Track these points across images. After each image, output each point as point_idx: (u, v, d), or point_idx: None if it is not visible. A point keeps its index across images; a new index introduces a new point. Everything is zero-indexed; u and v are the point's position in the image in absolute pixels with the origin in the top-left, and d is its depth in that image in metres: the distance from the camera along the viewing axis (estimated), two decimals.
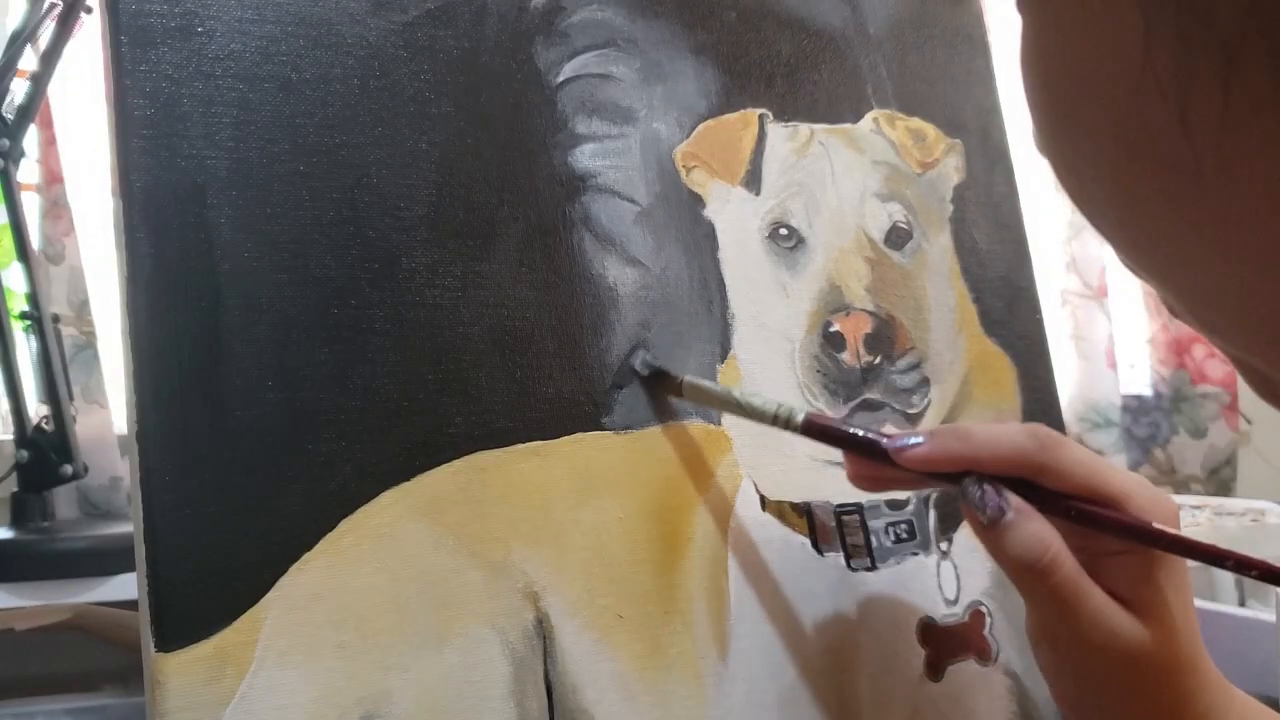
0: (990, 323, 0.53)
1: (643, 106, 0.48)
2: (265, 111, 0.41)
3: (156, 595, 0.37)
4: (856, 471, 0.43)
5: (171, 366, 0.39)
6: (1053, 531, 0.40)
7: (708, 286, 0.48)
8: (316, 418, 0.40)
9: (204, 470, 0.38)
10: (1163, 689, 0.41)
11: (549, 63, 0.47)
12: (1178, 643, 0.41)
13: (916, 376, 0.50)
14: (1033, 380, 0.53)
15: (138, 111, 0.40)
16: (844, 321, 0.49)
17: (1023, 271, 0.56)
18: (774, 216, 0.49)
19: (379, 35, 0.44)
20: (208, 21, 0.41)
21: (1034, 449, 0.40)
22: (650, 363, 0.46)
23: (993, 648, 0.50)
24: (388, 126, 0.43)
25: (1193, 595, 0.42)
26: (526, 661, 0.41)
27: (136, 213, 0.39)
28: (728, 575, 0.45)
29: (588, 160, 0.46)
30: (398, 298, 0.42)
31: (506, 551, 0.42)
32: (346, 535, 0.40)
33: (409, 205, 0.43)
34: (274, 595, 0.38)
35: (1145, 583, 0.41)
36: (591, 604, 0.43)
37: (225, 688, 0.37)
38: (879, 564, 0.48)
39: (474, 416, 0.42)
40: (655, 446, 0.45)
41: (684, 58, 0.49)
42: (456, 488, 0.42)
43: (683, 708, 0.43)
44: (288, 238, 0.41)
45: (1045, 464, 0.40)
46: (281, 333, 0.40)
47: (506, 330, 0.44)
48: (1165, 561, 0.41)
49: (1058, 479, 0.40)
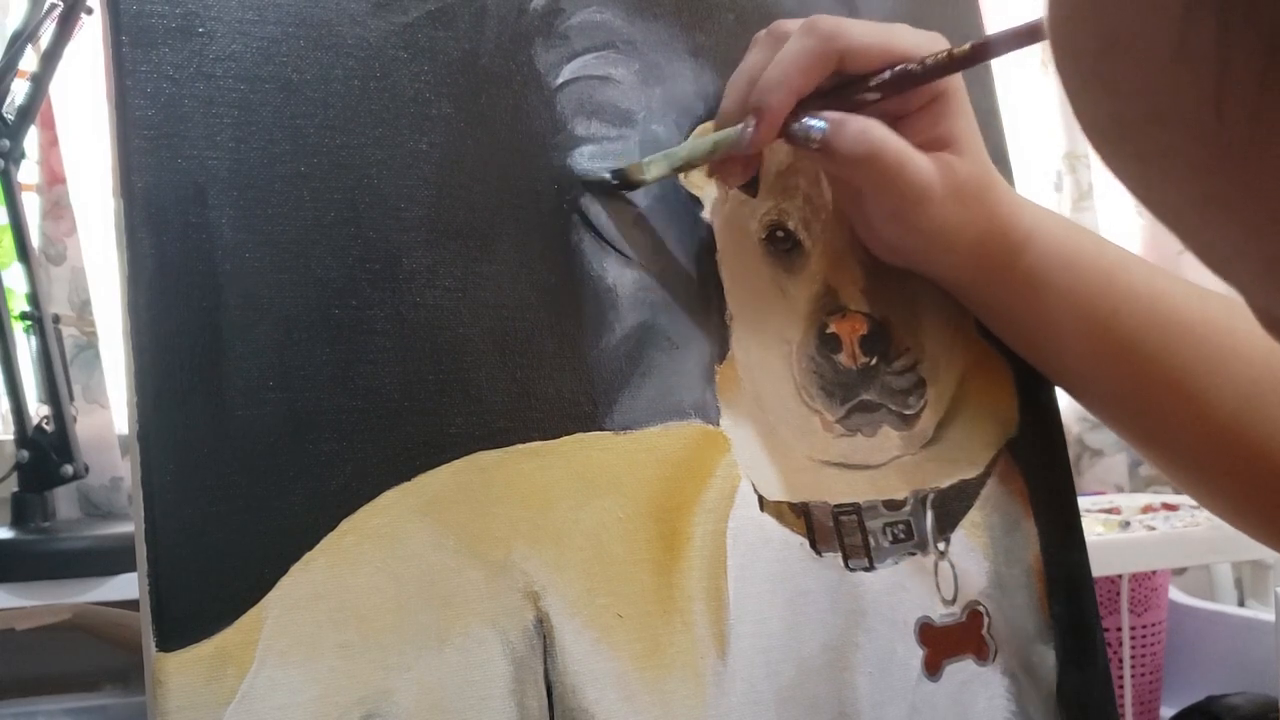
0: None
1: (641, 109, 0.48)
2: (266, 112, 0.41)
3: (157, 595, 0.37)
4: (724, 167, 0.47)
5: (173, 366, 0.39)
6: (869, 121, 0.44)
7: (706, 288, 0.48)
8: (317, 418, 0.40)
9: (205, 470, 0.39)
10: (987, 206, 0.47)
11: (548, 64, 0.47)
12: (985, 163, 0.48)
13: (913, 378, 0.50)
14: (1030, 381, 0.54)
15: (139, 112, 0.40)
16: (840, 324, 0.49)
17: None
18: (771, 219, 0.50)
19: (379, 36, 0.44)
20: (209, 22, 0.41)
21: (820, 47, 0.44)
22: (609, 168, 0.46)
23: (990, 647, 0.50)
24: (388, 127, 0.43)
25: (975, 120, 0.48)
26: (526, 661, 0.42)
27: (138, 213, 0.39)
28: (727, 575, 0.45)
29: (587, 162, 0.47)
30: (398, 298, 0.42)
31: (507, 551, 0.42)
32: (347, 535, 0.40)
33: (409, 206, 0.43)
34: (275, 595, 0.39)
35: (944, 119, 0.46)
36: (591, 604, 0.43)
37: (226, 687, 0.37)
38: (877, 564, 0.48)
39: (474, 416, 0.43)
40: (655, 446, 0.45)
41: (682, 60, 0.49)
42: (457, 487, 0.42)
43: (682, 707, 0.44)
44: (289, 238, 0.41)
45: (839, 51, 0.44)
46: (282, 333, 0.40)
47: (506, 330, 0.44)
48: (950, 95, 0.47)
49: (858, 58, 0.45)
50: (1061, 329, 0.50)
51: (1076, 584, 0.53)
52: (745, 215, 0.49)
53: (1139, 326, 0.48)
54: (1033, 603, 0.51)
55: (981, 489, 0.51)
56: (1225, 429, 0.48)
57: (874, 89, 0.45)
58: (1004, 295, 0.50)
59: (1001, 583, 0.51)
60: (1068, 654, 0.52)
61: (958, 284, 0.50)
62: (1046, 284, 0.49)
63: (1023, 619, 0.51)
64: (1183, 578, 1.41)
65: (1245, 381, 0.48)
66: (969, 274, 0.49)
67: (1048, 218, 0.50)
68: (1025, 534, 0.52)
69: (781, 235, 0.50)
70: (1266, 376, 0.47)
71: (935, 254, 0.48)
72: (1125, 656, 1.15)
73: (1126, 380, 0.49)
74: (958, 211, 0.47)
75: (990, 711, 0.49)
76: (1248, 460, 0.48)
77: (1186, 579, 1.43)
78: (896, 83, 0.45)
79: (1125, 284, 0.49)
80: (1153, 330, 0.48)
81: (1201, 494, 0.52)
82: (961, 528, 0.50)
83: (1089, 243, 0.50)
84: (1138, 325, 0.48)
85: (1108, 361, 0.49)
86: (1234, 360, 0.48)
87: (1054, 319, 0.49)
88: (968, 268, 0.49)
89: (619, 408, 0.45)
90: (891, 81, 0.45)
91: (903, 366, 0.50)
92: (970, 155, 0.47)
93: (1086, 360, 0.50)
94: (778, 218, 0.50)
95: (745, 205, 0.49)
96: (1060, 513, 0.53)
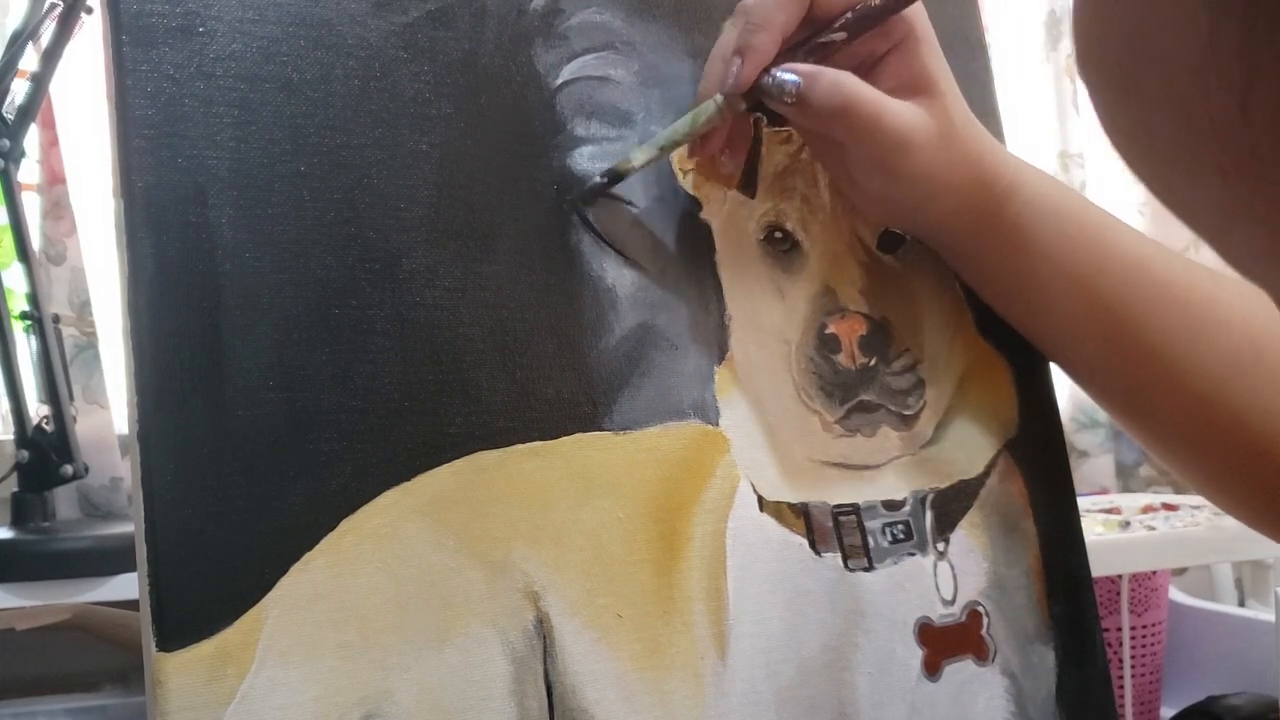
0: (986, 324, 0.53)
1: (640, 109, 0.48)
2: (266, 112, 0.42)
3: (157, 595, 0.37)
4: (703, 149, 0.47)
5: (173, 366, 0.39)
6: (842, 73, 0.45)
7: (705, 288, 0.48)
8: (317, 418, 0.40)
9: (205, 470, 0.39)
10: (970, 149, 0.47)
11: (548, 65, 0.47)
12: (964, 105, 0.48)
13: (912, 378, 0.50)
14: (1029, 381, 0.54)
15: (139, 111, 0.40)
16: (839, 324, 0.49)
17: None
18: (769, 219, 0.50)
19: (379, 36, 0.44)
20: (209, 22, 0.41)
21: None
22: (604, 170, 0.46)
23: (990, 647, 0.50)
24: (388, 127, 0.43)
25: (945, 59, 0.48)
26: (526, 661, 0.42)
27: (138, 213, 0.39)
28: (726, 575, 0.45)
29: (586, 162, 0.47)
30: (398, 298, 0.42)
31: (507, 551, 0.42)
32: (347, 535, 0.40)
33: (409, 206, 0.43)
34: (275, 595, 0.39)
35: (916, 60, 0.46)
36: (591, 604, 0.43)
37: (226, 687, 0.37)
38: (876, 564, 0.48)
39: (474, 417, 0.43)
40: (654, 447, 0.45)
41: (681, 61, 0.49)
42: (457, 488, 0.42)
43: (681, 707, 0.44)
44: (289, 238, 0.41)
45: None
46: (282, 333, 0.40)
47: (506, 331, 0.44)
48: (919, 35, 0.46)
49: (826, 3, 0.45)
50: (1046, 286, 0.50)
51: (1076, 584, 0.53)
52: (744, 216, 0.49)
53: (1122, 286, 0.48)
54: (1032, 603, 0.51)
55: (981, 489, 0.51)
56: (1204, 398, 0.48)
57: (842, 31, 0.45)
58: (991, 248, 0.49)
59: (1001, 583, 0.51)
60: (1067, 654, 0.52)
61: (945, 237, 0.50)
62: (1032, 237, 0.49)
63: (1022, 619, 0.51)
64: (1183, 578, 1.41)
65: (1226, 350, 0.48)
66: (956, 224, 0.49)
67: (1030, 170, 0.50)
68: (1025, 534, 0.52)
69: (780, 236, 0.50)
70: (1247, 347, 0.47)
71: (922, 203, 0.48)
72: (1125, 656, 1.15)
73: (1108, 343, 0.49)
74: (942, 155, 0.47)
75: (990, 712, 0.49)
76: (1225, 430, 0.48)
77: (1186, 579, 1.43)
78: (860, 24, 0.45)
79: (1111, 243, 0.49)
80: (1136, 292, 0.48)
81: (1177, 465, 0.52)
82: (961, 528, 0.50)
83: (1074, 199, 0.50)
84: (1121, 285, 0.48)
85: (1090, 323, 0.49)
86: (1215, 330, 0.48)
87: (1039, 276, 0.49)
88: (955, 216, 0.49)
89: (619, 408, 0.45)
90: (854, 22, 0.45)
91: (902, 367, 0.50)
92: (948, 96, 0.47)
93: (1069, 320, 0.50)
94: (776, 218, 0.50)
95: (744, 206, 0.49)
96: (1060, 513, 0.53)
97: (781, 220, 0.50)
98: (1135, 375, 0.49)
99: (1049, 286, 0.49)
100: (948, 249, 0.51)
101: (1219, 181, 0.21)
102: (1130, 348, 0.49)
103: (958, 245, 0.50)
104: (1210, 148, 0.21)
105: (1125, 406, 0.52)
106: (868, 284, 0.50)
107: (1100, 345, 0.50)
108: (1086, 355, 0.51)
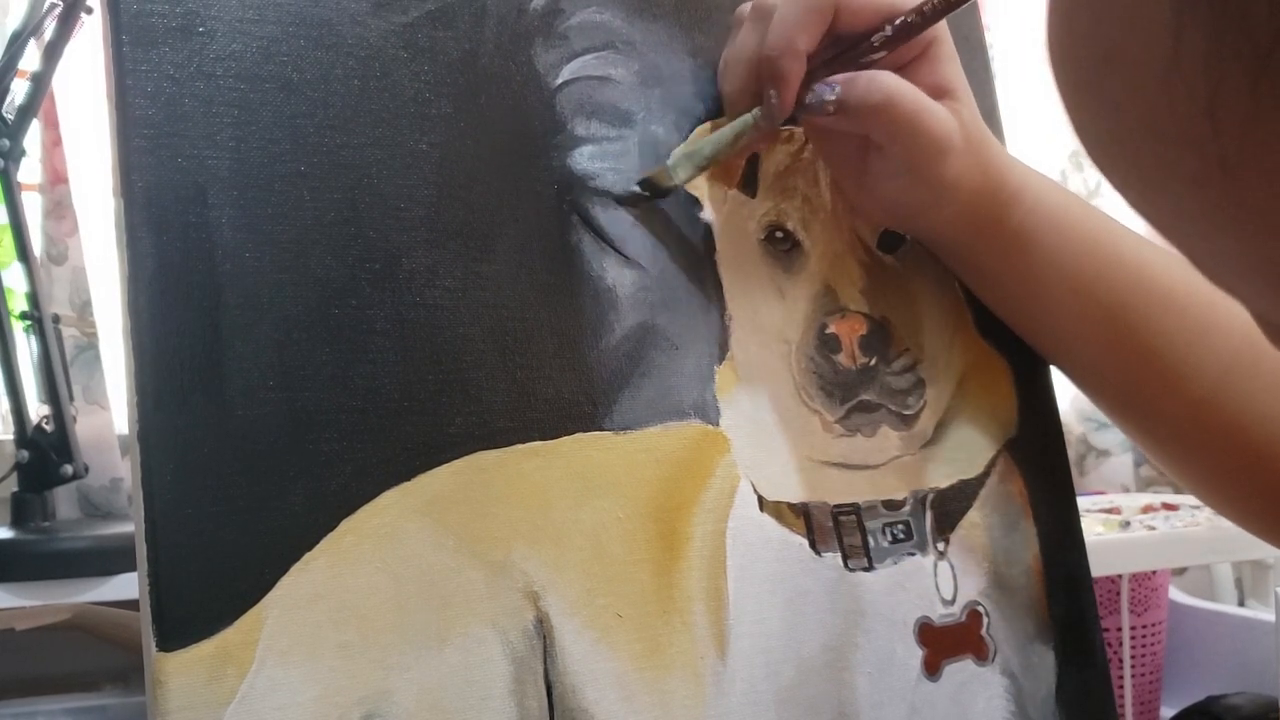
0: (986, 325, 0.53)
1: (641, 109, 0.48)
2: (266, 112, 0.42)
3: (157, 595, 0.37)
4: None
5: (173, 366, 0.39)
6: (879, 72, 0.45)
7: (705, 288, 0.48)
8: (317, 417, 0.40)
9: (205, 470, 0.39)
10: (982, 158, 0.47)
11: (548, 65, 0.47)
12: (976, 110, 0.48)
13: (912, 378, 0.50)
14: (1029, 381, 0.54)
15: (139, 111, 0.40)
16: (839, 324, 0.49)
17: None
18: (769, 219, 0.50)
19: (379, 36, 0.44)
20: (209, 21, 0.41)
21: (814, 1, 0.44)
22: (638, 180, 0.47)
23: (990, 647, 0.50)
24: (388, 127, 0.43)
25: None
26: (526, 661, 0.42)
27: (138, 213, 0.39)
28: (726, 575, 0.45)
29: (586, 162, 0.47)
30: (398, 298, 0.42)
31: (507, 551, 0.42)
32: (347, 535, 0.40)
33: (409, 206, 0.43)
34: (275, 595, 0.39)
35: (940, 66, 0.47)
36: (591, 604, 0.43)
37: (226, 687, 0.37)
38: (876, 564, 0.48)
39: (474, 416, 0.43)
40: (654, 446, 0.45)
41: (682, 60, 0.49)
42: (457, 488, 0.42)
43: (681, 707, 0.44)
44: (289, 238, 0.41)
45: (834, 2, 0.44)
46: (282, 333, 0.40)
47: (506, 330, 0.44)
48: (942, 40, 0.47)
49: (852, 10, 0.45)
50: (1047, 291, 0.50)
51: (1076, 584, 0.53)
52: (744, 216, 0.49)
53: (1123, 291, 0.48)
54: (1032, 603, 0.51)
55: (981, 489, 0.51)
56: (1202, 401, 0.48)
57: (880, 48, 0.45)
58: (993, 254, 0.50)
59: (1001, 583, 0.51)
60: (1067, 654, 0.52)
61: (946, 240, 0.50)
62: (1034, 243, 0.49)
63: (1022, 619, 0.51)
64: (1183, 578, 1.41)
65: (1225, 354, 0.48)
66: (961, 230, 0.49)
67: (1035, 175, 0.50)
68: (1024, 534, 0.52)
69: (780, 236, 0.50)
70: (1245, 350, 0.47)
71: (930, 207, 0.48)
72: (1125, 656, 1.15)
73: (1108, 347, 0.49)
74: (964, 163, 0.47)
75: (989, 712, 0.49)
76: (1223, 434, 0.48)
77: (1186, 579, 1.43)
78: (898, 36, 0.45)
79: (1112, 247, 0.49)
80: (1137, 296, 0.48)
81: (1175, 467, 0.52)
82: (961, 528, 0.50)
83: (1076, 205, 0.50)
84: (1122, 290, 0.48)
85: (1091, 326, 0.50)
86: (1215, 333, 0.48)
87: (1040, 280, 0.49)
88: (961, 223, 0.49)
89: (619, 408, 0.45)
90: (894, 36, 0.45)
91: (902, 367, 0.50)
92: (969, 104, 0.47)
93: (1070, 324, 0.50)
94: (776, 218, 0.50)
95: (744, 206, 0.49)
96: (1060, 513, 0.53)
97: (782, 220, 0.50)
98: (1134, 378, 0.49)
99: (1049, 290, 0.50)
100: (948, 252, 0.51)
101: (1188, 189, 0.21)
102: (1130, 351, 0.49)
103: (959, 248, 0.50)
104: (1179, 154, 0.21)
105: (1124, 408, 0.52)
106: (868, 284, 0.50)
107: (1100, 348, 0.50)
108: (1086, 358, 0.51)
